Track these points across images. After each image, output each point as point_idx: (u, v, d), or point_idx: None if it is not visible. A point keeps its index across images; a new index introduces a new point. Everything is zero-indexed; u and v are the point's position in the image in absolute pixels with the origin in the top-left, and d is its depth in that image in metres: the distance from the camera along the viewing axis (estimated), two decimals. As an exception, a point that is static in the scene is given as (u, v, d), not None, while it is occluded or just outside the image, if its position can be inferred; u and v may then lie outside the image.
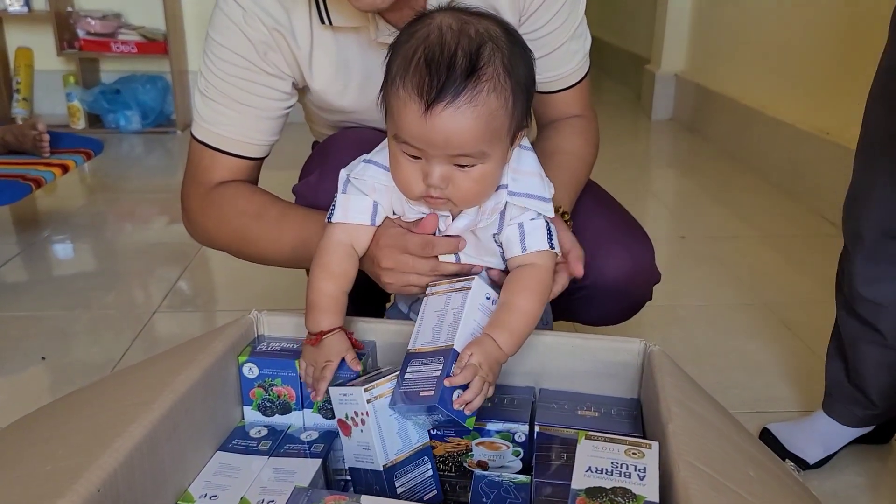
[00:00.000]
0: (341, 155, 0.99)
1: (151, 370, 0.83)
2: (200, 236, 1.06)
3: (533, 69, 0.77)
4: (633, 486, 0.65)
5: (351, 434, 0.80)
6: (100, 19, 3.15)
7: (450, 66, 0.70)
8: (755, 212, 2.37)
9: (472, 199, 0.78)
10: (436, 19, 0.73)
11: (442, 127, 0.71)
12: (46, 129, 1.96)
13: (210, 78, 0.96)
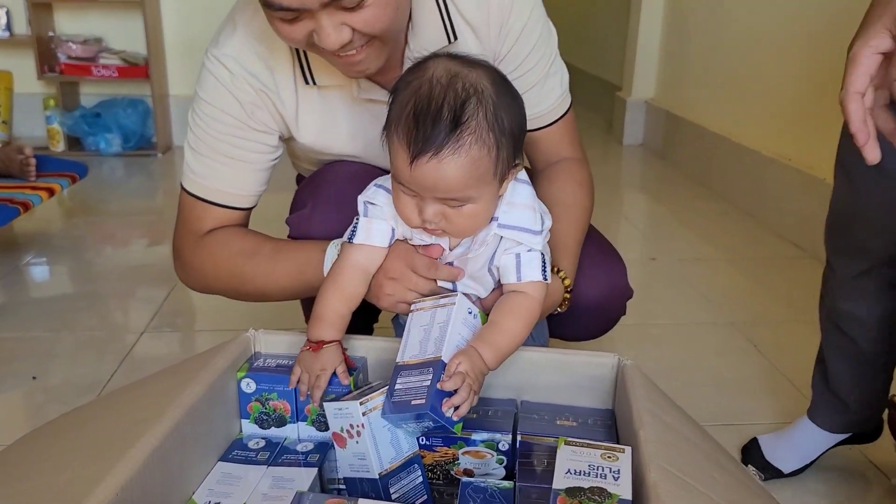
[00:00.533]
0: (333, 188, 1.05)
1: (157, 386, 0.88)
2: (196, 282, 1.09)
3: (522, 114, 0.83)
4: (608, 485, 0.71)
5: (346, 445, 0.85)
6: (81, 44, 3.18)
7: (435, 120, 0.76)
8: (722, 234, 2.46)
9: (466, 232, 0.85)
10: (429, 70, 0.79)
11: (428, 176, 0.78)
12: (33, 154, 1.99)
13: (199, 134, 1.00)
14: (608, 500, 0.69)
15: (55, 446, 0.79)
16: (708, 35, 3.07)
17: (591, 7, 4.57)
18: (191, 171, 1.03)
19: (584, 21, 4.65)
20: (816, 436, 1.23)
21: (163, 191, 3.06)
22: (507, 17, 0.98)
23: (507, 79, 0.84)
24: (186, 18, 3.38)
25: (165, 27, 3.36)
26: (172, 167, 3.28)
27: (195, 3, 3.36)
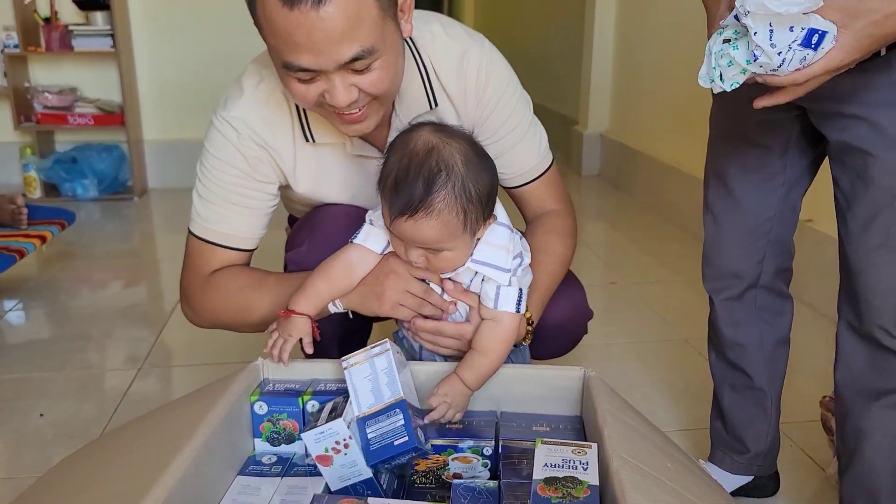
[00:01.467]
0: (329, 227, 1.18)
1: (184, 409, 1.00)
2: (203, 319, 1.20)
3: (491, 180, 0.99)
4: (579, 475, 0.85)
5: (332, 463, 0.96)
6: (56, 94, 3.28)
7: (411, 190, 0.93)
8: (675, 258, 2.65)
9: (446, 270, 1.02)
10: (412, 141, 0.95)
11: (406, 232, 0.96)
12: (24, 203, 2.09)
13: (207, 184, 1.13)
14: (579, 487, 0.83)
15: (103, 463, 0.91)
16: (655, 73, 3.29)
17: (547, 46, 4.80)
18: (199, 217, 1.15)
19: (542, 59, 4.88)
20: (720, 478, 1.30)
21: (141, 234, 3.16)
22: (484, 90, 1.13)
23: (480, 150, 0.99)
24: (159, 66, 3.50)
25: (139, 75, 3.47)
26: (149, 210, 3.38)
27: (167, 52, 3.50)
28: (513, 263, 1.02)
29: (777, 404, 1.28)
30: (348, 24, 0.88)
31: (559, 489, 0.83)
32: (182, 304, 1.22)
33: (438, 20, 1.14)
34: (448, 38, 1.12)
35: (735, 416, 1.29)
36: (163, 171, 3.60)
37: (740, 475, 1.32)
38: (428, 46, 1.10)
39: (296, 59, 0.90)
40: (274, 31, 0.90)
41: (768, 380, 1.26)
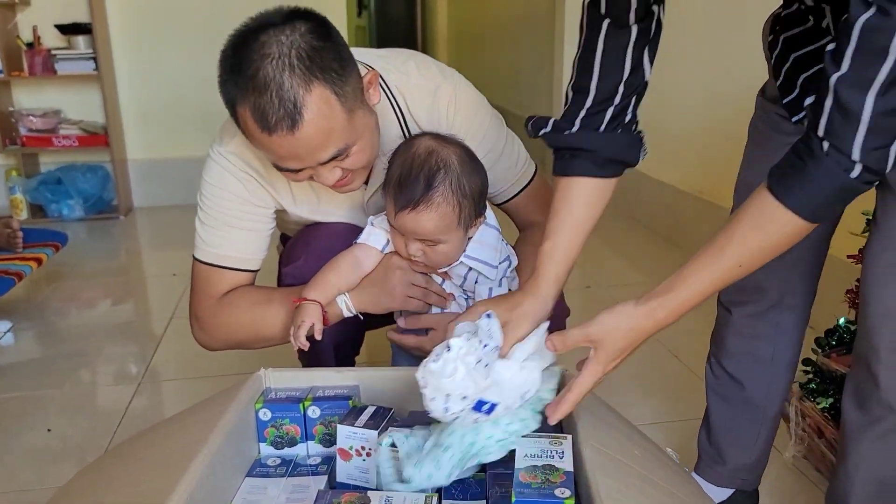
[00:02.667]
0: (323, 242, 1.28)
1: (195, 419, 1.09)
2: (217, 339, 1.27)
3: (482, 181, 1.13)
4: (555, 462, 0.95)
5: (351, 460, 1.07)
6: (41, 116, 3.34)
7: (413, 184, 1.06)
8: (647, 261, 2.77)
9: (441, 264, 1.15)
10: (414, 146, 1.09)
11: (408, 224, 1.09)
12: (20, 227, 2.16)
13: (208, 211, 1.22)
14: (555, 473, 0.94)
15: (125, 467, 1.00)
16: (623, 82, 3.42)
17: (520, 55, 4.93)
18: (203, 243, 1.24)
19: (515, 68, 5.01)
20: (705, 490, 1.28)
21: (128, 252, 3.23)
22: (454, 121, 1.23)
23: (473, 154, 1.13)
24: (140, 87, 3.58)
25: (121, 96, 3.55)
26: (135, 229, 3.45)
27: (147, 73, 3.58)
28: (502, 264, 1.16)
29: (772, 422, 1.28)
30: (322, 136, 1.01)
31: (538, 475, 0.94)
32: (193, 328, 1.29)
33: (413, 59, 1.25)
34: (420, 77, 1.23)
35: (721, 427, 1.30)
36: (147, 190, 3.68)
37: (722, 487, 1.33)
38: (402, 86, 1.21)
39: (282, 164, 1.05)
40: (258, 145, 1.04)
41: (767, 397, 1.25)
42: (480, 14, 6.08)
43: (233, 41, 1.04)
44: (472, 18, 6.49)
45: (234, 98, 1.02)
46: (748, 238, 0.85)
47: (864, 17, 0.70)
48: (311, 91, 0.98)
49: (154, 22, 3.53)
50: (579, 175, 1.04)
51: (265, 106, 0.98)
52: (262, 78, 0.98)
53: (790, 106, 1.08)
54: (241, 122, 1.04)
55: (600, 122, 1.02)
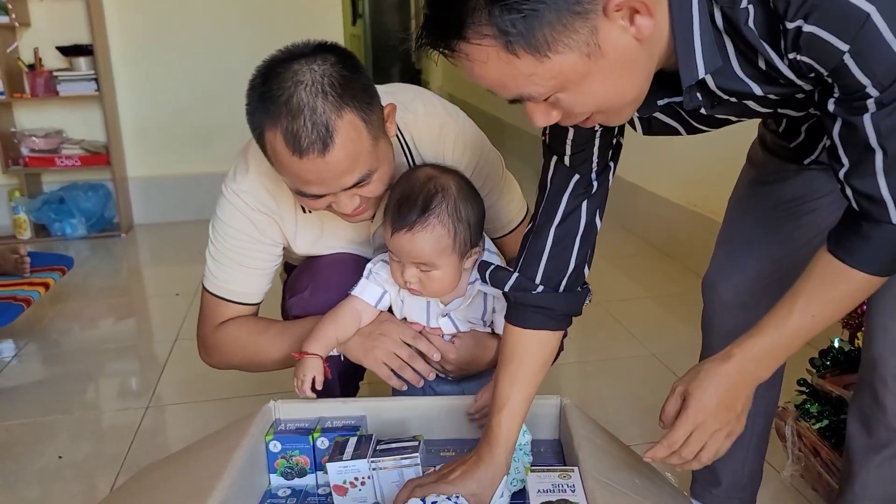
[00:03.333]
0: (328, 273, 1.32)
1: (211, 450, 1.13)
2: (218, 361, 1.37)
3: (479, 210, 1.18)
4: (569, 496, 0.99)
5: (347, 494, 1.11)
6: (43, 137, 3.37)
7: (411, 206, 1.12)
8: (643, 273, 2.81)
9: (436, 292, 1.20)
10: (416, 174, 1.16)
11: (403, 245, 1.14)
12: (27, 252, 2.20)
13: (219, 247, 1.28)
14: (572, 505, 0.98)
15: (146, 498, 1.04)
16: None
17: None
18: (212, 276, 1.30)
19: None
20: None
21: (130, 270, 3.26)
22: (460, 160, 1.27)
23: (471, 183, 1.19)
24: (140, 106, 3.62)
25: (122, 115, 3.58)
26: (136, 246, 3.49)
27: (147, 93, 3.62)
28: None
29: (759, 440, 1.31)
30: (350, 161, 1.05)
31: (557, 508, 0.98)
32: (199, 348, 1.37)
33: (420, 97, 1.29)
34: (427, 116, 1.27)
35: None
36: (147, 207, 3.71)
37: None
38: (410, 124, 1.25)
39: (306, 189, 1.09)
40: (285, 170, 1.08)
41: (752, 415, 1.25)
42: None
43: (263, 71, 1.07)
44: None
45: (263, 124, 1.05)
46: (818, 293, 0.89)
47: (836, 131, 0.79)
48: (342, 116, 1.03)
49: (153, 42, 3.57)
50: (538, 329, 1.08)
51: (298, 129, 1.01)
52: (296, 103, 1.02)
53: (798, 150, 1.11)
54: (270, 147, 1.06)
55: (559, 284, 1.07)
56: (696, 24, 0.77)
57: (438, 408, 1.22)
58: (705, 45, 0.78)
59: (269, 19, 3.59)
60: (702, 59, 0.78)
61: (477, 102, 5.69)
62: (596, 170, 1.04)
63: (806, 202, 1.16)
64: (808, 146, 1.10)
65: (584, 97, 0.78)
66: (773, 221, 1.18)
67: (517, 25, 0.70)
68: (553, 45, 0.71)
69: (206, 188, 3.58)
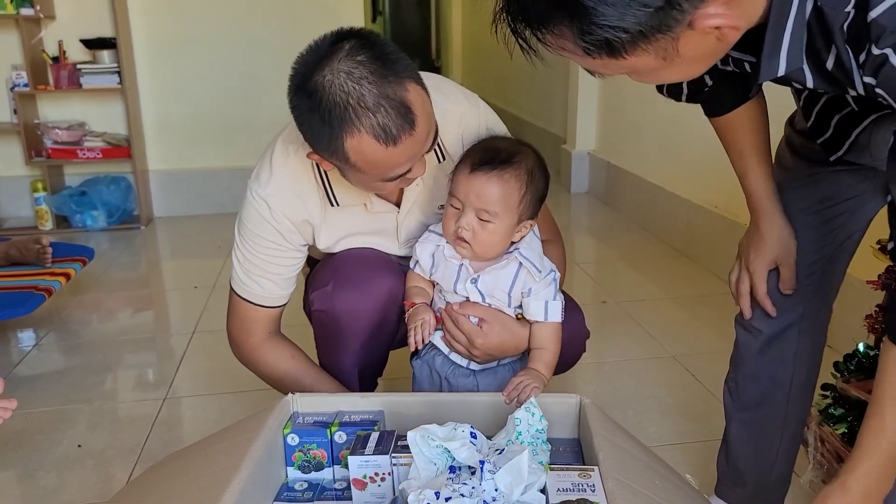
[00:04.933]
0: (350, 268, 1.32)
1: (229, 442, 1.13)
2: (244, 362, 1.41)
3: (546, 187, 1.22)
4: (589, 496, 0.98)
5: (366, 489, 1.10)
6: (66, 129, 3.40)
7: (496, 154, 1.16)
8: (662, 275, 2.79)
9: (483, 248, 1.20)
10: (496, 138, 1.26)
11: (475, 184, 1.16)
12: (49, 243, 2.21)
13: (245, 253, 1.29)
14: (591, 505, 0.96)
15: (164, 489, 1.04)
16: (640, 95, 3.44)
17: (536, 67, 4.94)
18: (239, 280, 1.32)
19: (531, 77, 5.03)
20: None
21: (149, 262, 3.28)
22: None
23: (544, 161, 1.23)
24: (162, 99, 3.64)
25: (143, 109, 3.60)
26: (155, 239, 3.51)
27: (169, 87, 3.64)
28: (549, 275, 1.24)
29: (790, 444, 1.30)
30: (428, 125, 1.08)
31: (578, 507, 0.96)
32: (230, 342, 1.40)
33: (440, 86, 1.28)
34: (448, 103, 1.27)
35: (739, 449, 1.31)
36: (167, 200, 3.74)
37: None
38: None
39: (396, 171, 1.10)
40: (377, 166, 1.08)
41: (786, 418, 1.27)
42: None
43: (305, 76, 1.04)
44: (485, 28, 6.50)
45: (340, 136, 1.04)
46: None
47: None
48: (408, 89, 1.05)
49: (176, 37, 3.59)
50: (730, 110, 1.15)
51: (384, 121, 1.02)
52: (369, 97, 1.02)
53: (826, 145, 1.10)
54: (355, 154, 1.05)
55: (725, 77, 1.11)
56: (790, 20, 0.76)
57: (457, 403, 1.21)
58: (793, 42, 0.78)
59: (290, 15, 3.60)
60: (786, 56, 0.78)
61: (495, 100, 5.68)
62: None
63: (836, 204, 1.15)
64: (836, 142, 1.09)
65: (652, 79, 0.82)
66: (804, 227, 1.17)
67: (598, 45, 0.72)
68: (631, 52, 0.73)
69: (227, 183, 3.65)
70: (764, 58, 0.79)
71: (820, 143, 1.12)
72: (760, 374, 1.25)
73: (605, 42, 0.71)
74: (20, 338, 2.35)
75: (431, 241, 1.26)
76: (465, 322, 1.26)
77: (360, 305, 1.28)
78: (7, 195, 3.59)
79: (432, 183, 1.30)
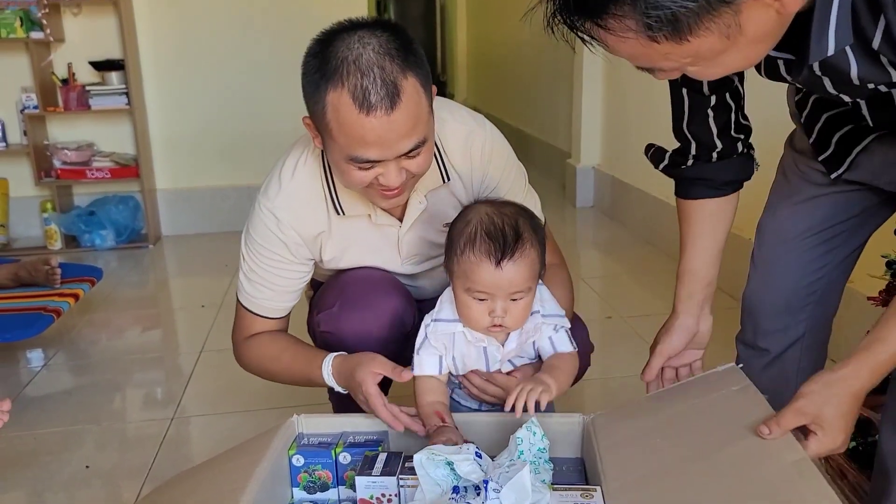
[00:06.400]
0: (355, 289, 1.34)
1: (235, 463, 1.14)
2: (245, 367, 1.42)
3: (543, 229, 1.19)
4: (592, 516, 0.99)
5: None
6: (75, 150, 3.44)
7: (504, 236, 1.10)
8: (668, 290, 2.77)
9: (520, 322, 1.17)
10: (478, 212, 1.13)
11: (507, 275, 1.11)
12: (58, 264, 2.24)
13: (251, 265, 1.31)
14: (594, 526, 0.97)
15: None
16: (641, 111, 3.46)
17: (540, 82, 4.99)
18: (244, 291, 1.34)
19: (536, 94, 5.06)
20: None
21: (157, 281, 3.31)
22: (487, 168, 1.30)
23: (529, 210, 1.19)
24: (170, 119, 3.69)
25: (151, 128, 3.65)
26: (163, 257, 3.54)
27: (176, 107, 3.69)
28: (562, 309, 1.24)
29: None
30: (411, 123, 1.07)
31: (577, 528, 0.97)
32: (234, 350, 1.42)
33: (446, 106, 1.31)
34: (455, 122, 1.29)
35: None
36: (175, 219, 3.77)
37: None
38: (439, 129, 1.26)
39: (364, 153, 1.08)
40: (346, 132, 1.07)
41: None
42: (499, 40, 6.15)
43: (323, 39, 1.09)
44: (490, 44, 6.56)
45: (326, 87, 1.06)
46: None
47: None
48: (407, 78, 1.06)
49: (183, 58, 3.63)
50: (700, 199, 1.17)
51: (368, 85, 1.03)
52: (365, 61, 1.04)
53: (827, 163, 1.11)
54: (332, 109, 1.07)
55: (710, 157, 1.14)
56: None
57: (463, 424, 1.22)
58: (840, 19, 0.77)
59: (295, 37, 3.60)
60: (834, 34, 0.78)
61: (501, 115, 5.71)
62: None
63: (835, 224, 1.16)
64: (837, 160, 1.10)
65: (715, 69, 0.80)
66: (807, 248, 1.19)
67: (663, 20, 0.71)
68: (695, 31, 0.72)
69: (233, 201, 3.68)
70: (813, 37, 0.78)
71: (821, 160, 1.13)
72: (763, 391, 1.25)
73: (671, 17, 0.70)
74: (29, 358, 2.37)
75: (433, 348, 1.21)
76: (501, 378, 1.25)
77: (365, 326, 1.30)
78: (17, 215, 3.62)
79: (437, 201, 1.31)
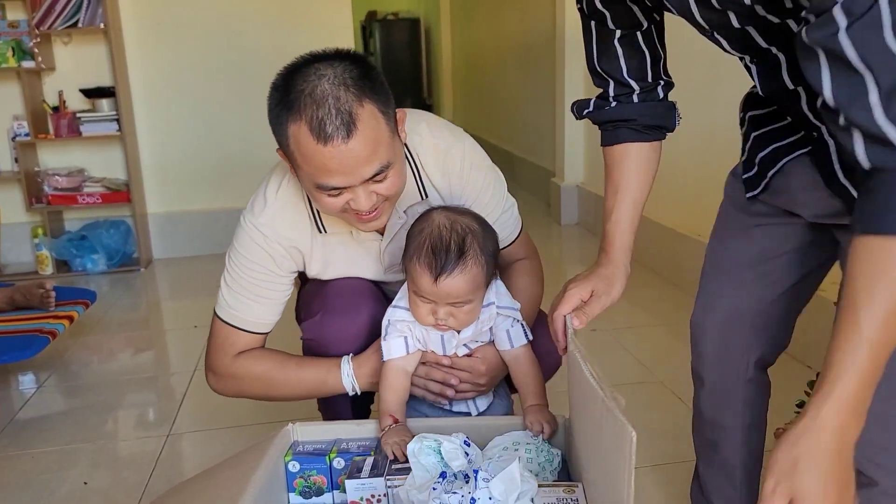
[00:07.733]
0: (337, 298, 1.38)
1: (231, 472, 1.19)
2: (228, 389, 1.42)
3: (497, 242, 1.26)
4: (574, 509, 1.04)
5: None
6: (66, 176, 3.49)
7: (447, 251, 1.17)
8: (650, 303, 2.86)
9: (465, 324, 1.26)
10: (434, 220, 1.21)
11: (445, 290, 1.18)
12: (52, 287, 2.28)
13: (235, 276, 1.34)
14: (575, 519, 1.02)
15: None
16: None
17: (524, 104, 5.08)
18: (226, 304, 1.36)
19: (520, 115, 5.16)
20: None
21: (149, 304, 3.34)
22: (465, 184, 1.35)
23: (484, 219, 1.26)
24: (160, 145, 3.75)
25: (142, 154, 3.70)
26: (155, 280, 3.57)
27: (167, 133, 3.75)
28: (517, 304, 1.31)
29: (749, 481, 1.30)
30: (370, 149, 1.12)
31: (557, 522, 1.03)
32: (208, 375, 1.42)
33: (425, 120, 1.36)
34: (433, 138, 1.34)
35: (709, 485, 1.34)
36: (166, 242, 3.82)
37: None
38: (417, 145, 1.32)
39: (328, 181, 1.13)
40: (308, 161, 1.12)
41: (742, 459, 1.29)
42: (483, 63, 6.27)
43: (285, 73, 1.15)
44: (475, 66, 6.67)
45: (287, 119, 1.12)
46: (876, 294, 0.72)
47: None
48: (363, 106, 1.11)
49: (173, 84, 3.70)
50: (624, 142, 1.19)
51: (323, 117, 1.08)
52: (320, 93, 1.09)
53: (748, 182, 1.13)
54: (294, 141, 1.12)
55: (630, 99, 1.17)
56: None
57: (451, 427, 1.27)
58: None
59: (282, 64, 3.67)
60: None
61: (486, 136, 5.81)
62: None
63: (770, 258, 1.16)
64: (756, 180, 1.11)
65: None
66: (742, 282, 1.19)
67: None
68: None
69: (224, 223, 3.72)
70: None
71: (744, 178, 1.14)
72: (713, 420, 1.28)
73: None
74: (22, 380, 2.40)
75: (397, 331, 1.29)
76: (463, 361, 1.32)
77: (347, 330, 1.36)
78: (8, 241, 3.66)
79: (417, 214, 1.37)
